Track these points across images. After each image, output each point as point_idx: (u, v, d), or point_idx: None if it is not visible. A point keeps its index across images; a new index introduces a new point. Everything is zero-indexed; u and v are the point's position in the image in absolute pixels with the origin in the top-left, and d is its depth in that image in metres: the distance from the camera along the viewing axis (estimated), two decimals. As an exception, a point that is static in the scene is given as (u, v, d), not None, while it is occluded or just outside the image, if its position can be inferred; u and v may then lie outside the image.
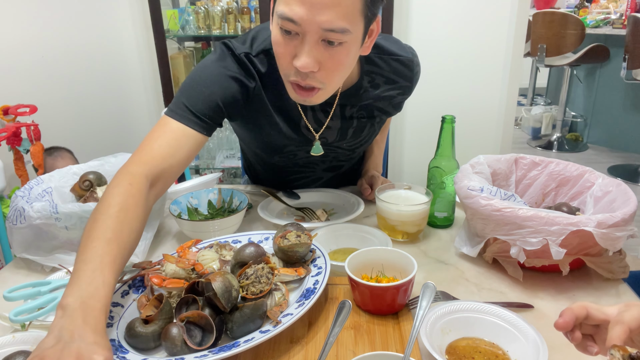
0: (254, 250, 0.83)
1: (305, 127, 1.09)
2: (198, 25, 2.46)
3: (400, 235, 1.05)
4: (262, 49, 1.00)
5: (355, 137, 1.17)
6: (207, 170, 2.80)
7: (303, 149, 1.15)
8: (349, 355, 0.71)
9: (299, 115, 1.07)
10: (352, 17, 0.81)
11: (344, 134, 1.14)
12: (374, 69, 1.08)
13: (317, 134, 1.10)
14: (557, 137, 4.29)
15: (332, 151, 1.19)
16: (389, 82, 1.11)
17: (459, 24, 2.29)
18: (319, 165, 1.25)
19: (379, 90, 1.10)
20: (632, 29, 3.22)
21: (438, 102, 2.36)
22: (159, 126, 0.94)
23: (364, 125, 1.14)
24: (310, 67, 0.83)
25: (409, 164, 2.54)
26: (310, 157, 1.17)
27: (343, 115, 1.10)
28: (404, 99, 1.18)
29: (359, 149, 1.23)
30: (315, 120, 1.09)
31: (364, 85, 1.07)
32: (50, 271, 0.95)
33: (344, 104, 1.09)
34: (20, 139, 1.79)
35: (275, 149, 1.15)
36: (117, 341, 0.71)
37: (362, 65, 1.05)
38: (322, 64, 0.85)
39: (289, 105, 1.05)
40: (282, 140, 1.12)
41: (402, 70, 1.11)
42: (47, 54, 2.16)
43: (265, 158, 1.22)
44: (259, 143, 1.17)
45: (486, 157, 1.07)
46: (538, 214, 0.82)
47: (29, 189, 1.01)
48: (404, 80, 1.12)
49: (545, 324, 0.79)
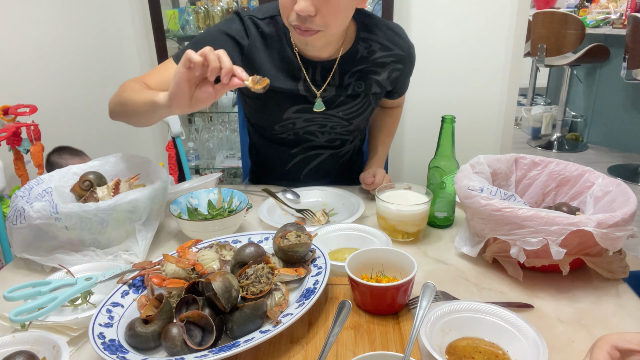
0: (254, 250, 0.83)
1: (305, 85, 1.19)
2: (198, 25, 2.46)
3: (400, 235, 1.05)
4: (269, 15, 1.16)
5: (350, 104, 1.24)
6: (207, 170, 2.80)
7: (302, 117, 1.23)
8: (349, 355, 0.71)
9: (300, 74, 1.18)
10: None
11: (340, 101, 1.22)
12: (370, 35, 1.19)
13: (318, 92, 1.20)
14: (557, 137, 4.29)
15: (329, 119, 1.25)
16: (384, 49, 1.20)
17: (459, 24, 2.29)
18: (318, 137, 1.30)
19: (375, 56, 1.20)
20: (632, 29, 3.22)
21: (438, 102, 2.36)
22: (162, 64, 1.15)
23: (358, 94, 1.23)
24: (307, 10, 0.96)
25: (409, 164, 2.54)
26: (308, 126, 1.26)
27: (341, 82, 1.20)
28: (399, 73, 1.25)
29: (355, 121, 1.28)
30: (314, 82, 1.19)
31: (360, 51, 1.18)
32: (50, 271, 0.95)
33: (343, 70, 1.19)
34: (20, 139, 1.79)
35: (275, 115, 1.24)
36: (117, 341, 0.71)
37: (358, 31, 1.17)
38: (318, 8, 0.97)
39: (292, 64, 1.17)
40: (282, 102, 1.21)
41: (396, 39, 1.21)
42: (47, 54, 2.16)
43: (267, 130, 1.30)
44: (260, 110, 1.26)
45: (486, 157, 1.07)
46: (538, 214, 0.82)
47: (29, 189, 1.01)
48: (398, 49, 1.21)
49: (545, 324, 0.79)
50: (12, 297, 0.80)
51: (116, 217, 0.96)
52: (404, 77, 1.29)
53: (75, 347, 0.75)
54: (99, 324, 0.73)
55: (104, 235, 0.97)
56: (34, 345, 0.70)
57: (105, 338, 0.71)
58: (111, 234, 0.98)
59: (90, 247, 0.98)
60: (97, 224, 0.95)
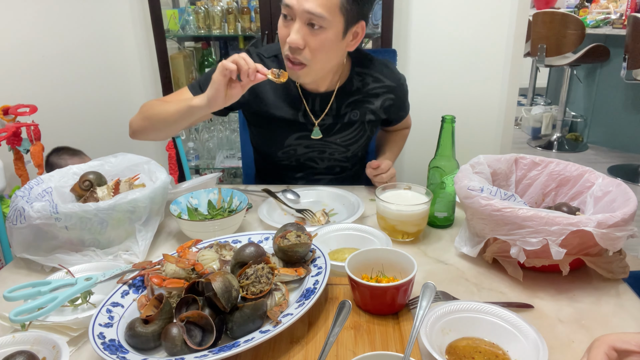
0: (254, 250, 0.83)
1: (304, 114, 1.30)
2: (198, 25, 2.46)
3: (400, 235, 1.05)
4: (274, 53, 1.31)
5: (347, 131, 1.34)
6: (207, 170, 2.80)
7: (302, 143, 1.34)
8: (349, 355, 0.71)
9: (300, 105, 1.30)
10: (331, 8, 1.07)
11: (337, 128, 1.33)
12: (364, 70, 1.32)
13: (317, 120, 1.31)
14: (557, 137, 4.29)
15: (328, 146, 1.36)
16: (376, 81, 1.32)
17: (459, 24, 2.29)
18: (318, 164, 1.38)
19: (368, 87, 1.32)
20: (632, 29, 3.22)
21: (438, 102, 2.36)
22: (178, 91, 1.30)
23: (354, 122, 1.34)
24: (296, 42, 1.10)
25: (409, 164, 2.53)
26: (308, 152, 1.36)
27: (338, 112, 1.32)
28: (391, 102, 1.35)
29: (352, 147, 1.38)
30: (313, 112, 1.31)
31: (355, 84, 1.31)
32: (50, 271, 0.95)
33: (340, 101, 1.31)
34: (20, 139, 1.79)
35: (277, 142, 1.35)
36: (117, 341, 0.71)
37: (353, 66, 1.30)
38: (307, 43, 1.11)
39: (293, 96, 1.29)
40: (284, 129, 1.32)
41: (387, 72, 1.34)
42: (47, 54, 2.16)
43: (272, 157, 1.40)
44: (265, 136, 1.37)
45: (486, 157, 1.07)
46: (538, 214, 0.82)
47: (29, 189, 1.01)
48: (389, 80, 1.33)
49: (545, 324, 0.79)
50: (12, 297, 0.80)
51: (116, 217, 0.96)
52: (397, 105, 1.38)
53: (75, 347, 0.75)
54: (99, 324, 0.73)
55: (104, 235, 0.97)
56: (34, 345, 0.70)
57: (105, 338, 0.71)
58: (111, 234, 0.98)
59: (90, 247, 0.98)
60: (97, 224, 0.95)
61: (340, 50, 1.18)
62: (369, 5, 1.15)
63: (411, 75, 2.40)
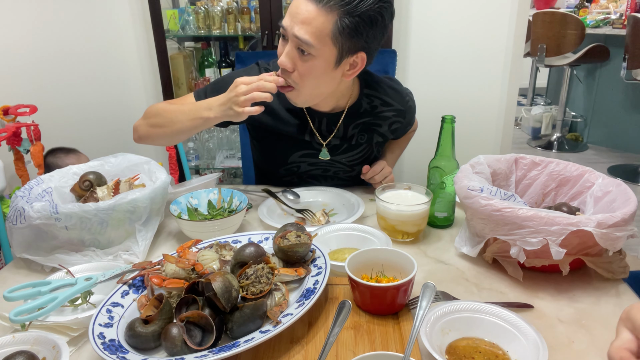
0: (254, 250, 0.83)
1: (310, 133, 1.28)
2: (198, 25, 2.46)
3: (400, 235, 1.05)
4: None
5: (354, 152, 1.32)
6: (207, 170, 2.80)
7: (306, 161, 1.32)
8: (349, 355, 0.71)
9: (307, 123, 1.27)
10: (320, 37, 1.02)
11: (344, 148, 1.31)
12: (372, 92, 1.28)
13: (325, 141, 1.29)
14: (557, 137, 4.28)
15: (332, 165, 1.33)
16: (385, 105, 1.30)
17: (459, 24, 2.28)
18: (321, 182, 1.37)
19: (377, 111, 1.29)
20: (632, 29, 3.22)
21: (438, 102, 2.36)
22: (183, 97, 1.26)
23: (361, 142, 1.31)
24: (285, 64, 1.07)
25: (409, 164, 2.53)
26: (312, 170, 1.34)
27: (345, 133, 1.29)
28: (399, 125, 1.34)
29: (357, 167, 1.35)
30: (319, 132, 1.28)
31: (364, 106, 1.28)
32: (50, 271, 0.95)
33: (347, 122, 1.27)
34: (20, 139, 1.79)
35: (280, 158, 1.32)
36: (117, 341, 0.71)
37: (361, 88, 1.26)
38: (297, 67, 1.07)
39: (300, 114, 1.26)
40: (288, 146, 1.30)
41: (395, 95, 1.31)
42: (47, 54, 2.16)
43: (273, 173, 1.38)
44: (267, 152, 1.35)
45: (486, 157, 1.07)
46: (538, 214, 0.82)
47: (29, 189, 1.01)
48: (398, 104, 1.31)
49: (545, 324, 0.79)
50: (12, 297, 0.80)
51: (116, 217, 0.96)
52: (405, 125, 1.37)
53: (75, 347, 0.75)
54: (99, 324, 0.74)
55: (104, 235, 0.97)
56: (34, 345, 0.70)
57: (105, 338, 0.71)
58: (111, 234, 0.98)
59: (90, 247, 0.98)
60: (97, 224, 0.95)
61: (333, 79, 1.12)
62: (371, 38, 1.05)
63: (411, 76, 2.40)
